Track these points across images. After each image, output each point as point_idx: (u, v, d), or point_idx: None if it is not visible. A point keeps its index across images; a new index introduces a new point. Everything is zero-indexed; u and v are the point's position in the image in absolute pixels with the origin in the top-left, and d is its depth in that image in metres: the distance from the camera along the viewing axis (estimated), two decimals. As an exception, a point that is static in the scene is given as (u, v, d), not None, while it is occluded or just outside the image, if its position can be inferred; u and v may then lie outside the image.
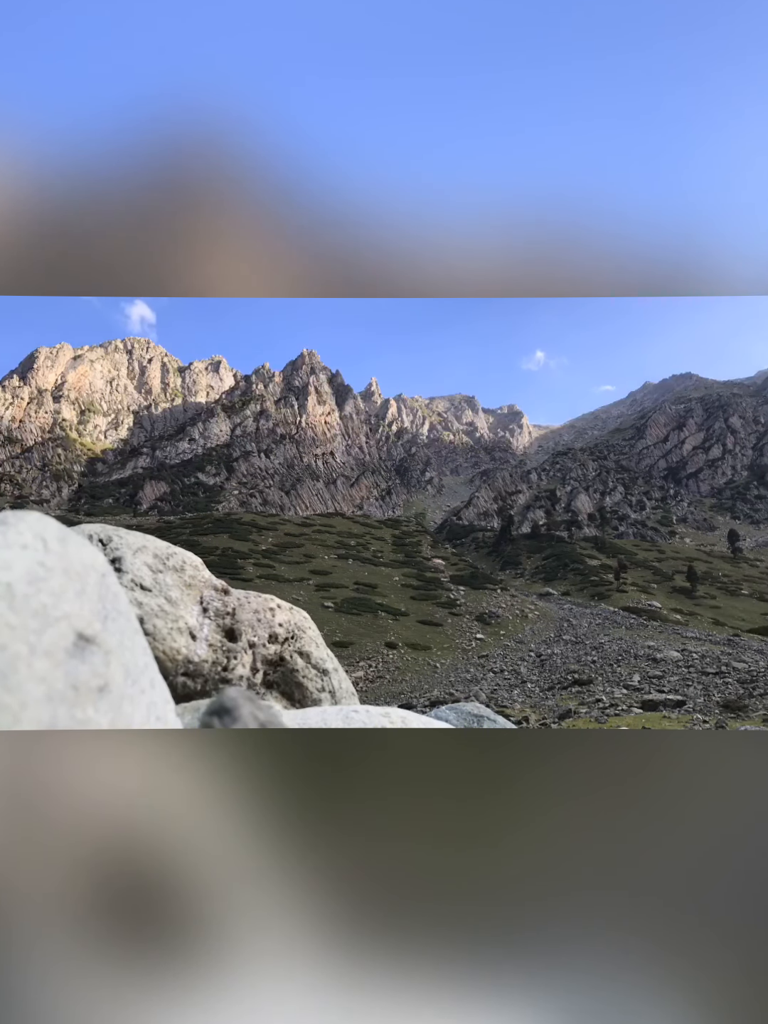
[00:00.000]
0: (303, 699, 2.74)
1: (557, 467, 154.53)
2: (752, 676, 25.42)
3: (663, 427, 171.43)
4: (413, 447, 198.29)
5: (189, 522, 74.63)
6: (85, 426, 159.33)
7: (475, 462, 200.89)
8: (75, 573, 0.99)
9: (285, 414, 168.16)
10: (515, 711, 23.12)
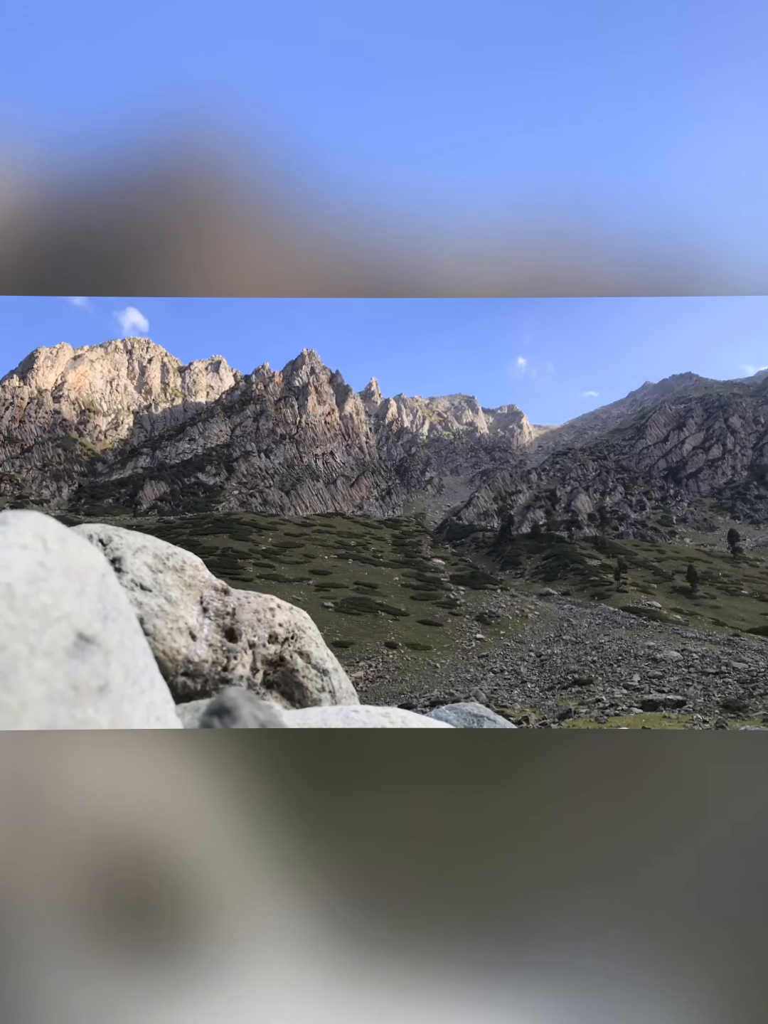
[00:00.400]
0: (303, 699, 2.74)
1: (557, 467, 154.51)
2: (752, 676, 25.42)
3: (663, 427, 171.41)
4: (413, 447, 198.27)
5: (189, 522, 74.65)
6: (85, 426, 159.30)
7: (475, 462, 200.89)
8: (75, 573, 0.99)
9: (285, 414, 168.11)
10: (515, 711, 23.12)
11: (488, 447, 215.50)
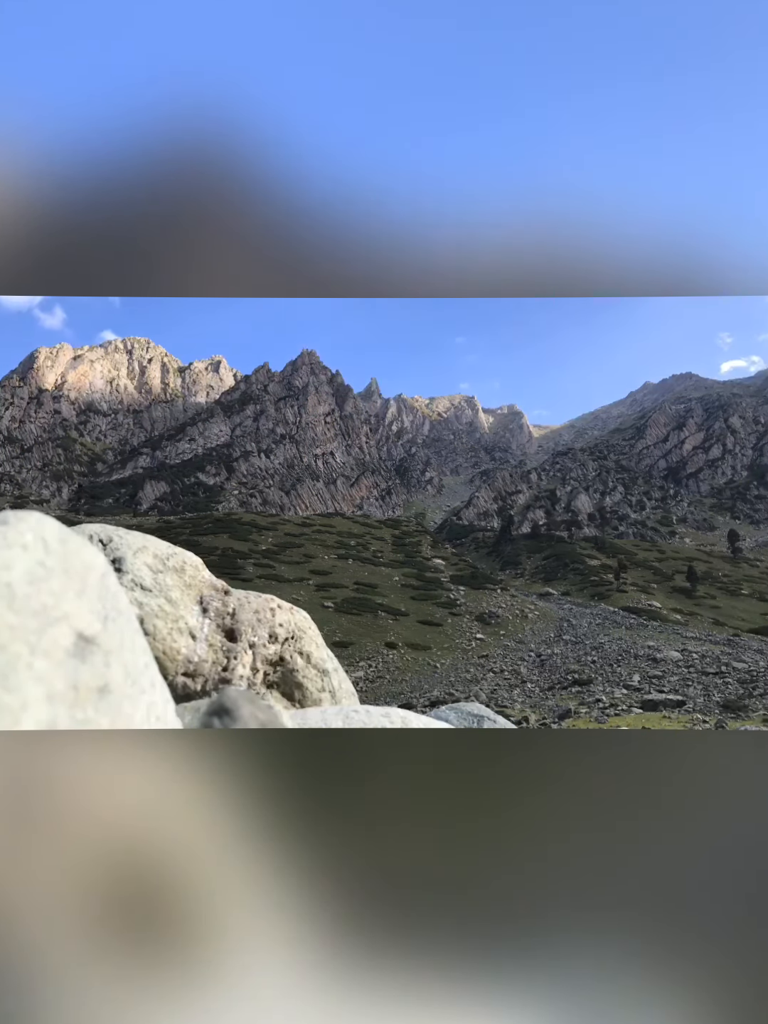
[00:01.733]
0: (303, 699, 2.74)
1: (557, 467, 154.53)
2: (752, 676, 25.44)
3: (663, 427, 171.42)
4: (413, 447, 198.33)
5: (189, 522, 74.64)
6: (85, 426, 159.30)
7: (475, 462, 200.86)
8: (75, 573, 0.99)
9: (285, 414, 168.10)
10: (515, 711, 23.12)
11: (488, 447, 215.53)
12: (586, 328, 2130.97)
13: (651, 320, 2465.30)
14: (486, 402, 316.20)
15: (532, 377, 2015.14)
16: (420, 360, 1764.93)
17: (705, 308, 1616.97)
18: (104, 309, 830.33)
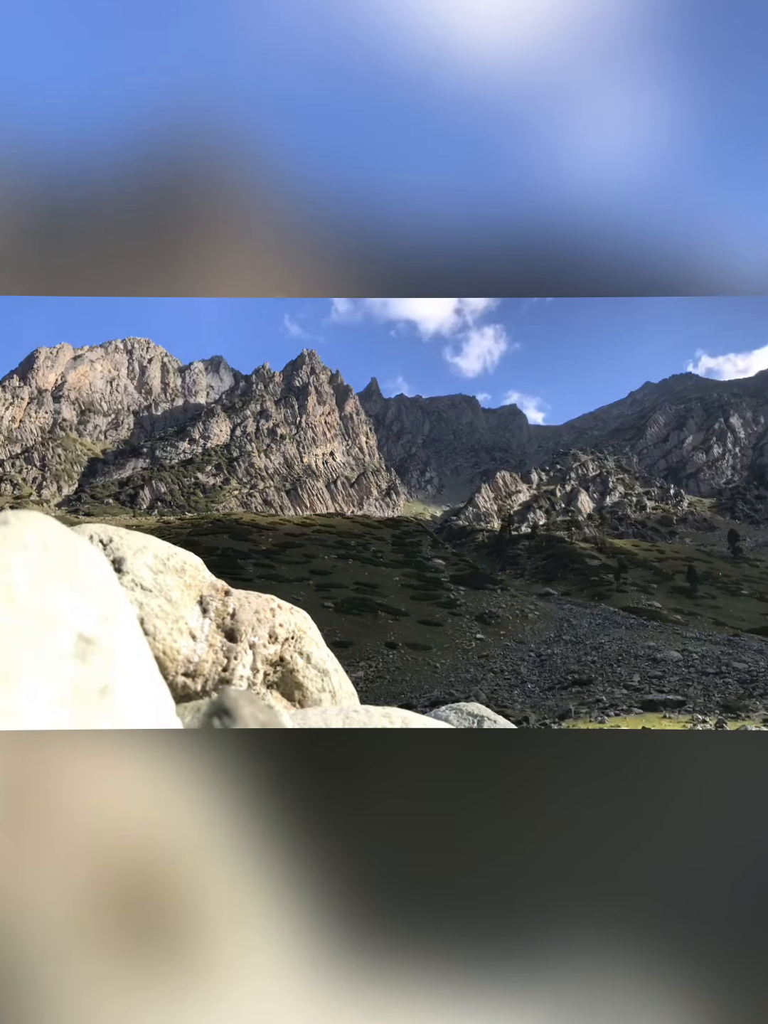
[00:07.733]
0: (303, 699, 2.75)
1: (557, 467, 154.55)
2: (752, 676, 25.44)
3: (663, 427, 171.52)
4: (413, 447, 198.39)
5: (189, 522, 74.66)
6: (85, 426, 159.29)
7: (475, 462, 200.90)
8: (76, 574, 0.99)
9: (285, 414, 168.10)
10: (515, 711, 23.12)
11: (488, 447, 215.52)
12: (586, 328, 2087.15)
13: (651, 320, 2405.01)
14: (485, 401, 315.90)
15: (532, 377, 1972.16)
16: (420, 360, 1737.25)
17: (700, 309, 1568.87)
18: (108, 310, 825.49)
